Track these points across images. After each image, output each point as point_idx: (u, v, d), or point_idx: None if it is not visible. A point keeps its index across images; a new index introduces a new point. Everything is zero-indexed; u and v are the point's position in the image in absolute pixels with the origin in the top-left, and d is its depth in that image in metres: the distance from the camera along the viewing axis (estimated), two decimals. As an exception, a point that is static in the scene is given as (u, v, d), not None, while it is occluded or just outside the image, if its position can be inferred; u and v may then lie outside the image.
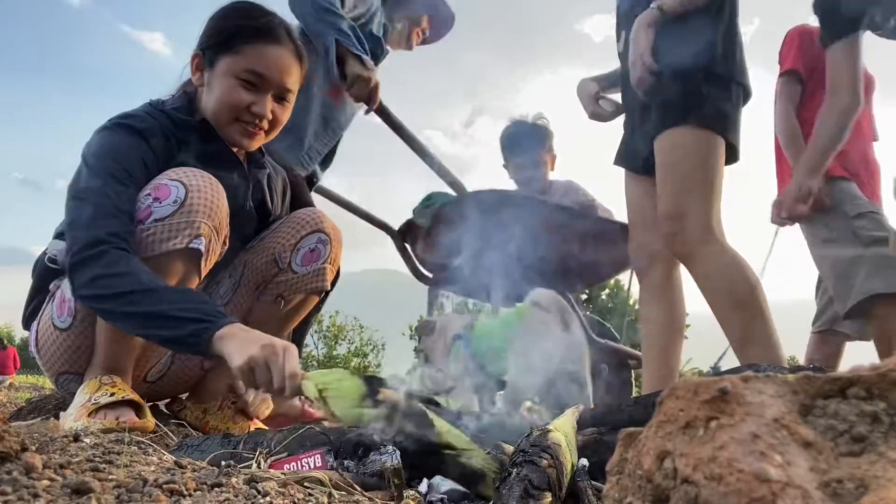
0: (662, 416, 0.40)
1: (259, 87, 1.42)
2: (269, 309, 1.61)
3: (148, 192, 1.26)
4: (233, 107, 1.40)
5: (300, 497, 0.69)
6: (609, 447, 1.12)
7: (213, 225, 1.29)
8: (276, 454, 0.93)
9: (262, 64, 1.40)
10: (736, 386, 0.37)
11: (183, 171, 1.30)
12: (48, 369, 1.40)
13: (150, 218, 1.24)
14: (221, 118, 1.42)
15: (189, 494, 0.63)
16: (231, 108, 1.41)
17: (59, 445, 0.85)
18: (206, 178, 1.30)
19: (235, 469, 0.77)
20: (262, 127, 1.45)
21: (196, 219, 1.25)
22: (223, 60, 1.40)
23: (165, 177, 1.28)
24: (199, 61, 1.44)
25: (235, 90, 1.40)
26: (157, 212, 1.24)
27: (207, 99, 1.43)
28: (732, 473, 0.33)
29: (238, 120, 1.42)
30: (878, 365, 0.37)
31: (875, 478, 0.32)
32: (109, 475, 0.67)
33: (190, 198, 1.25)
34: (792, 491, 0.31)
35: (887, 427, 0.34)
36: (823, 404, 0.36)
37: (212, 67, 1.42)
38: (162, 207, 1.24)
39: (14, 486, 0.57)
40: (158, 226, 1.24)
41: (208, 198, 1.28)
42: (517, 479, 0.66)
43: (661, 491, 0.37)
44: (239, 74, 1.39)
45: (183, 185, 1.26)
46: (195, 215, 1.25)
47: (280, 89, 1.45)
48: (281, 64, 1.43)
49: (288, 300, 1.60)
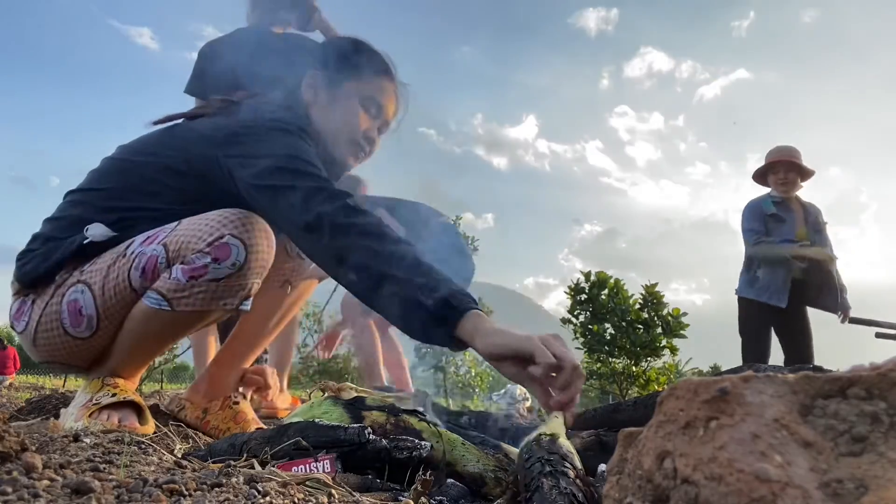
0: (662, 415, 0.40)
1: (374, 117, 1.49)
2: (277, 294, 1.64)
3: (206, 250, 1.21)
4: (354, 129, 1.46)
5: (300, 497, 0.69)
6: (609, 447, 1.12)
7: (262, 279, 1.31)
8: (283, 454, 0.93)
9: (383, 96, 1.49)
10: (736, 386, 0.37)
11: (243, 224, 1.24)
12: (40, 354, 1.36)
13: (204, 277, 1.22)
14: (340, 136, 1.46)
15: (189, 494, 0.63)
16: (352, 131, 1.46)
17: (59, 445, 0.85)
18: (264, 234, 1.27)
19: (235, 469, 0.77)
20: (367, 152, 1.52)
21: (250, 281, 1.26)
22: (347, 84, 1.46)
23: (226, 231, 1.22)
24: (317, 80, 1.48)
25: (358, 114, 1.46)
26: (213, 273, 1.22)
27: (323, 118, 1.47)
28: (732, 473, 0.33)
29: (352, 142, 1.47)
30: (878, 365, 0.37)
31: (875, 478, 0.32)
32: (109, 475, 0.67)
33: (249, 261, 1.24)
34: (792, 491, 0.31)
35: (887, 427, 0.34)
36: (823, 404, 0.36)
37: (332, 89, 1.46)
38: (220, 269, 1.22)
39: (14, 486, 0.57)
40: (213, 285, 1.23)
41: (265, 258, 1.28)
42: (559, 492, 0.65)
43: (661, 491, 0.37)
44: (364, 101, 1.46)
45: (244, 245, 1.23)
46: (250, 278, 1.26)
47: (386, 124, 1.53)
48: (392, 98, 1.52)
49: (294, 285, 1.66)
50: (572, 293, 10.78)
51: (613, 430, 1.20)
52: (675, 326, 9.74)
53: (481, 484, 0.92)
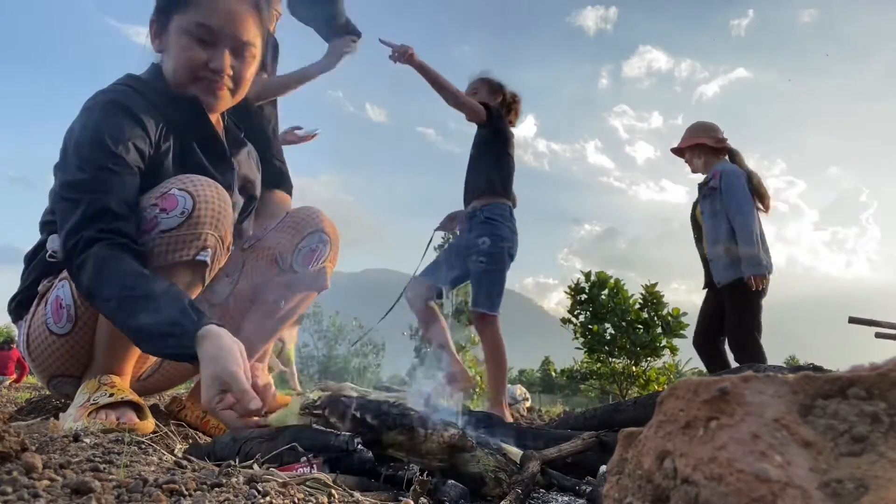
0: (662, 415, 0.40)
1: (213, 43, 1.34)
2: (269, 308, 1.61)
3: (154, 202, 1.24)
4: (189, 65, 1.34)
5: (300, 497, 0.69)
6: (609, 447, 1.12)
7: (219, 235, 1.28)
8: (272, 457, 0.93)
9: (212, 17, 1.32)
10: (736, 386, 0.37)
11: (190, 179, 1.27)
12: (41, 372, 1.39)
13: (156, 229, 1.23)
14: (181, 79, 1.36)
15: (189, 494, 0.63)
16: (188, 67, 1.34)
17: (59, 445, 0.85)
18: (213, 187, 1.28)
19: (235, 469, 0.77)
20: (226, 84, 1.38)
21: (203, 231, 1.24)
22: (175, 19, 1.34)
23: (173, 185, 1.26)
24: (156, 27, 1.39)
25: (189, 47, 1.33)
26: (164, 223, 1.22)
27: (167, 63, 1.37)
28: (732, 473, 0.33)
29: (198, 79, 1.36)
30: (878, 365, 0.37)
31: (875, 478, 0.32)
32: (109, 475, 0.67)
33: (197, 209, 1.23)
34: (792, 491, 0.31)
35: (887, 427, 0.34)
36: (823, 404, 0.36)
37: (166, 30, 1.36)
38: (169, 218, 1.22)
39: (14, 486, 0.57)
40: (165, 237, 1.23)
41: (215, 208, 1.26)
42: None
43: (661, 491, 0.37)
44: (191, 30, 1.32)
45: (190, 195, 1.24)
46: (202, 227, 1.24)
47: (236, 42, 1.36)
48: (233, 15, 1.35)
49: (288, 300, 1.60)
50: (572, 293, 10.78)
51: (613, 430, 1.20)
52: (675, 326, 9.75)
53: (481, 484, 0.92)
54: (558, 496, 0.95)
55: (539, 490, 0.98)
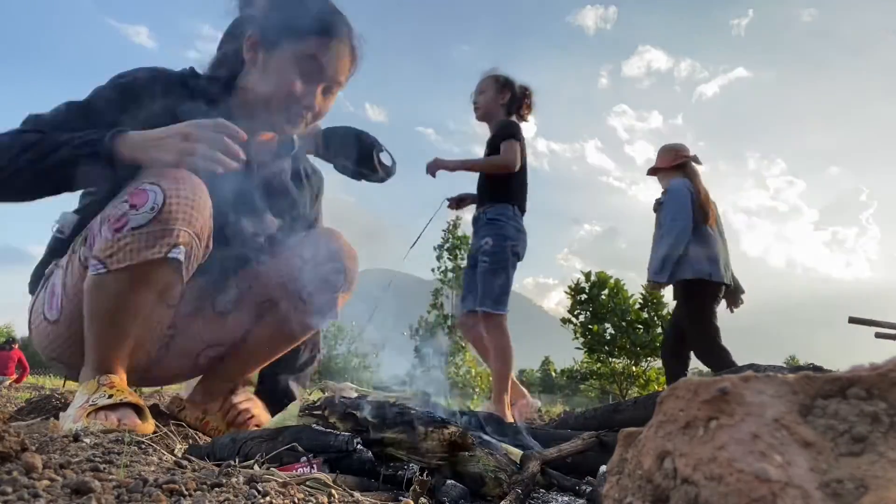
0: (662, 415, 0.40)
1: (313, 78, 1.43)
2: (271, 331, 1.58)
3: (125, 199, 1.20)
4: (287, 95, 1.41)
5: (300, 497, 0.69)
6: (609, 447, 1.12)
7: (194, 231, 1.23)
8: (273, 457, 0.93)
9: (324, 54, 1.42)
10: (736, 386, 0.37)
11: (163, 174, 1.22)
12: (40, 351, 1.42)
13: (126, 226, 1.18)
14: (273, 104, 1.43)
15: (189, 494, 0.63)
16: (285, 96, 1.41)
17: (59, 445, 0.85)
18: (185, 179, 1.22)
19: (235, 469, 0.77)
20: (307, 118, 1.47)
21: (174, 227, 1.19)
22: (285, 44, 1.41)
23: (144, 180, 1.21)
24: (254, 41, 1.44)
25: (292, 78, 1.40)
26: (134, 220, 1.18)
27: (259, 80, 1.43)
28: (732, 473, 0.32)
29: (287, 107, 1.43)
30: (878, 365, 0.37)
31: (875, 478, 0.32)
32: (109, 475, 0.67)
33: (168, 204, 1.18)
34: (792, 491, 0.31)
35: (887, 427, 0.34)
36: (823, 404, 0.36)
37: (271, 50, 1.42)
38: (138, 215, 1.18)
39: (14, 486, 0.57)
40: (135, 234, 1.18)
41: (188, 202, 1.21)
42: None
43: (661, 491, 0.37)
44: (299, 61, 1.40)
45: (161, 189, 1.19)
46: (174, 223, 1.19)
47: (332, 82, 1.46)
48: (340, 56, 1.44)
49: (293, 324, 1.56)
50: (572, 293, 10.77)
51: (613, 430, 1.20)
52: (676, 326, 9.72)
53: (481, 484, 0.92)
54: (558, 496, 0.95)
55: (539, 490, 0.98)
